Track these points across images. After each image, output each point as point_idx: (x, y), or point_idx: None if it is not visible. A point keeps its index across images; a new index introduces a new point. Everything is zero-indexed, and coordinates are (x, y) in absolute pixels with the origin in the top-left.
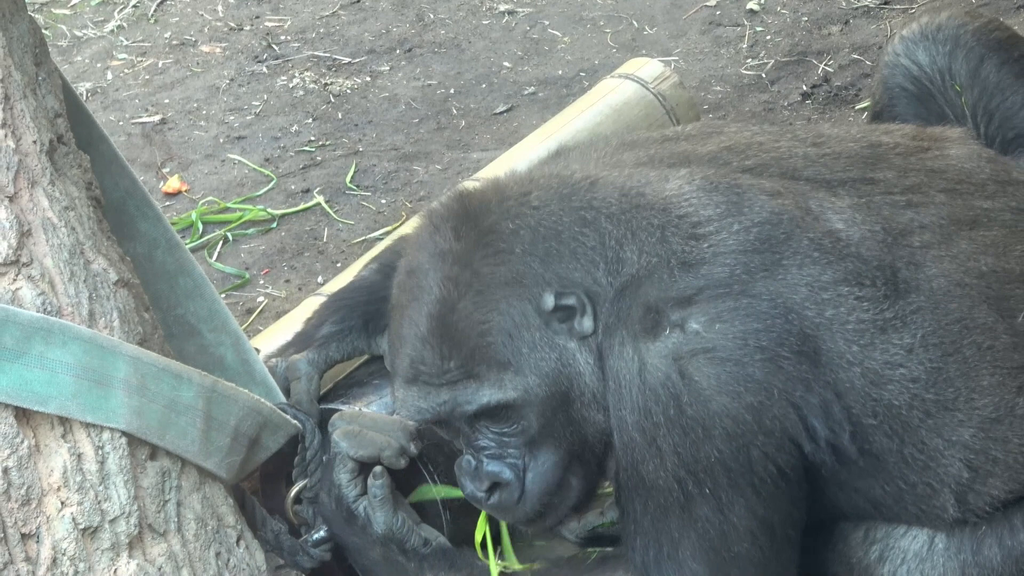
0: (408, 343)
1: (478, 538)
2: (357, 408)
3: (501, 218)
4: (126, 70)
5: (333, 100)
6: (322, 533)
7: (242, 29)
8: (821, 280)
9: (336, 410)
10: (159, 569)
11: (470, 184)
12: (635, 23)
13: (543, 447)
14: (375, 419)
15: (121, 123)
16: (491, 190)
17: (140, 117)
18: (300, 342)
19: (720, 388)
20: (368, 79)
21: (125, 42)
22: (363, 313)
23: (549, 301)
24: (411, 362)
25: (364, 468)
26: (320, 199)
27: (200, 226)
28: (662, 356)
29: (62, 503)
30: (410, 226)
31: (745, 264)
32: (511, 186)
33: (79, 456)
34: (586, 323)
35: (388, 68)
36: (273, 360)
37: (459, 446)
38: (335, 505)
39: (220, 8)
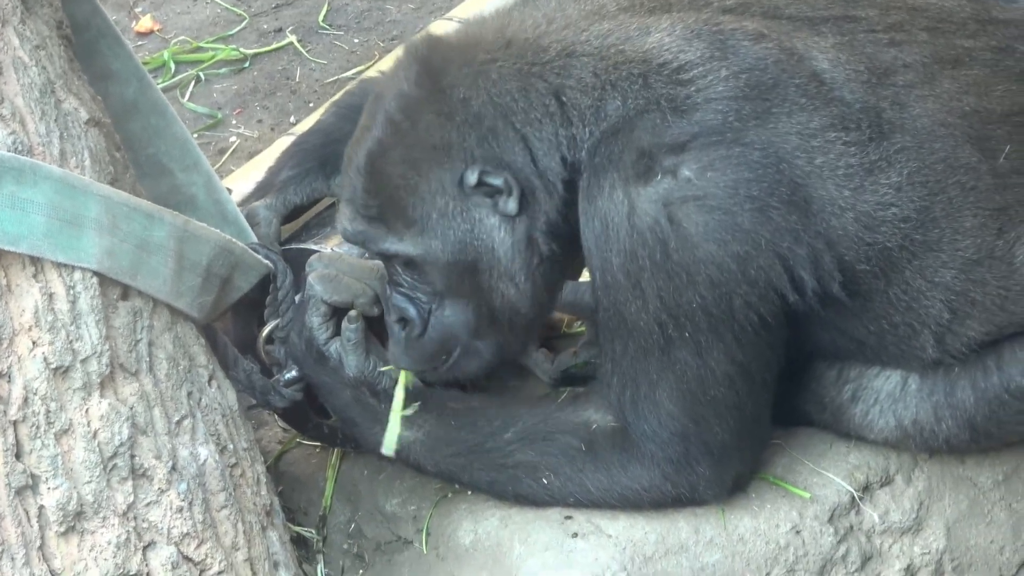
0: (352, 166)
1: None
2: (328, 248)
3: (457, 82)
4: None
5: None
6: (294, 373)
7: None
8: (810, 127)
9: (309, 250)
10: (131, 408)
11: (450, 27)
12: None
13: (450, 303)
14: (353, 264)
15: None
16: (460, 47)
17: None
18: (260, 190)
19: (707, 235)
20: None
21: None
22: (320, 156)
23: (472, 178)
24: (349, 182)
25: (337, 311)
26: (292, 38)
27: (172, 66)
28: (652, 201)
29: (33, 343)
30: (380, 67)
31: (737, 111)
32: (479, 51)
33: (50, 296)
34: (511, 205)
35: None
36: None
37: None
38: (305, 347)
39: None
